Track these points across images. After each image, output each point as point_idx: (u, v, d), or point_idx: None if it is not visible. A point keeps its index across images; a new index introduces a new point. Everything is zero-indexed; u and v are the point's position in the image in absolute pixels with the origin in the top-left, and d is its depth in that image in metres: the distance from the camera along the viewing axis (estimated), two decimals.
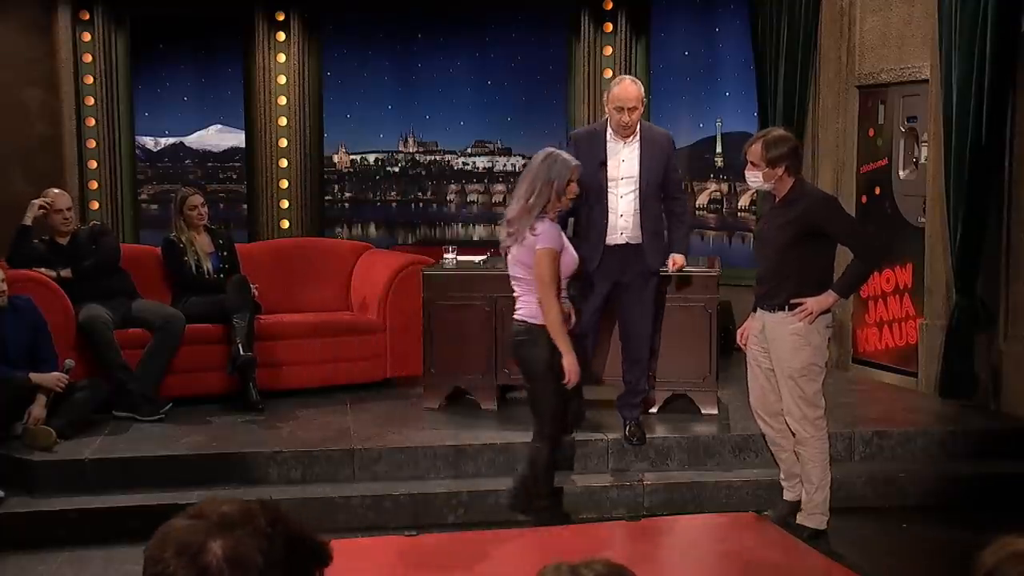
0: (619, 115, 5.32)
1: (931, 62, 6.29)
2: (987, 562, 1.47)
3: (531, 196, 4.59)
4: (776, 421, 4.95)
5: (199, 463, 5.36)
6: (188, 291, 6.46)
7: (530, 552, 4.15)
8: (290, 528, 1.40)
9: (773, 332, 4.81)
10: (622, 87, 5.39)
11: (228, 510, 1.38)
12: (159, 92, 8.62)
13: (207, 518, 1.36)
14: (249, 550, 1.33)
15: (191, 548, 1.33)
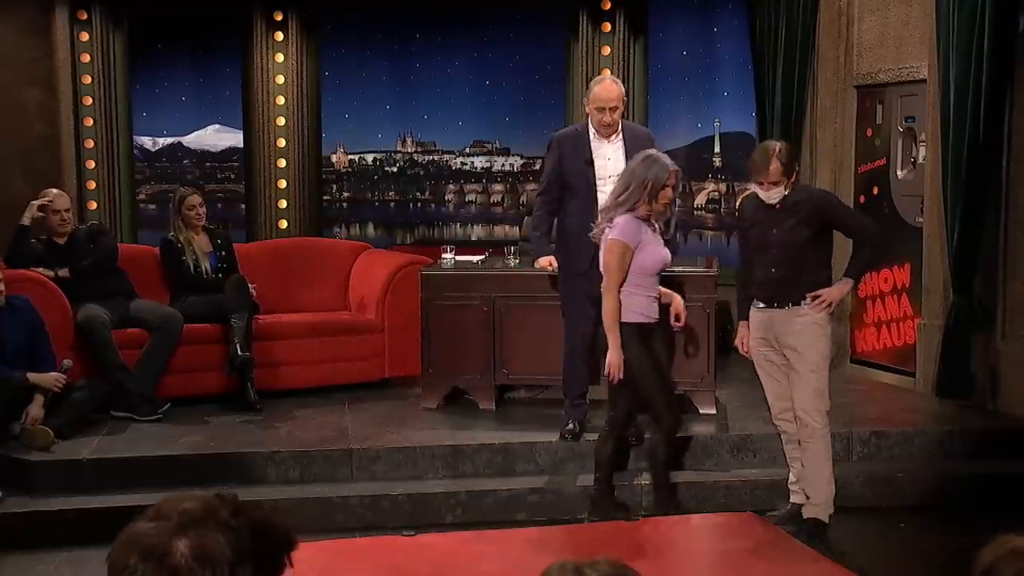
0: (600, 115, 5.34)
1: (929, 62, 6.29)
2: (985, 560, 1.48)
3: (622, 193, 4.71)
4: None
5: (197, 463, 5.36)
6: (186, 291, 6.46)
7: (529, 552, 4.14)
8: (253, 517, 1.39)
9: (790, 326, 4.85)
10: (603, 87, 5.41)
11: (189, 507, 1.36)
12: (157, 92, 8.62)
13: (168, 518, 1.35)
14: (216, 545, 1.32)
15: (156, 551, 1.31)
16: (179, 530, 1.33)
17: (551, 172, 5.53)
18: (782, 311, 4.86)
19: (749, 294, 5.00)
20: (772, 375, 4.99)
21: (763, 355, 4.98)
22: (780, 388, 4.99)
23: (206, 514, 1.35)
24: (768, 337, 4.93)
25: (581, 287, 5.46)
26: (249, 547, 1.34)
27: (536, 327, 5.96)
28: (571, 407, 5.64)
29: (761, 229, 4.91)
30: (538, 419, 5.93)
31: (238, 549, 1.33)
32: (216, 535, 1.33)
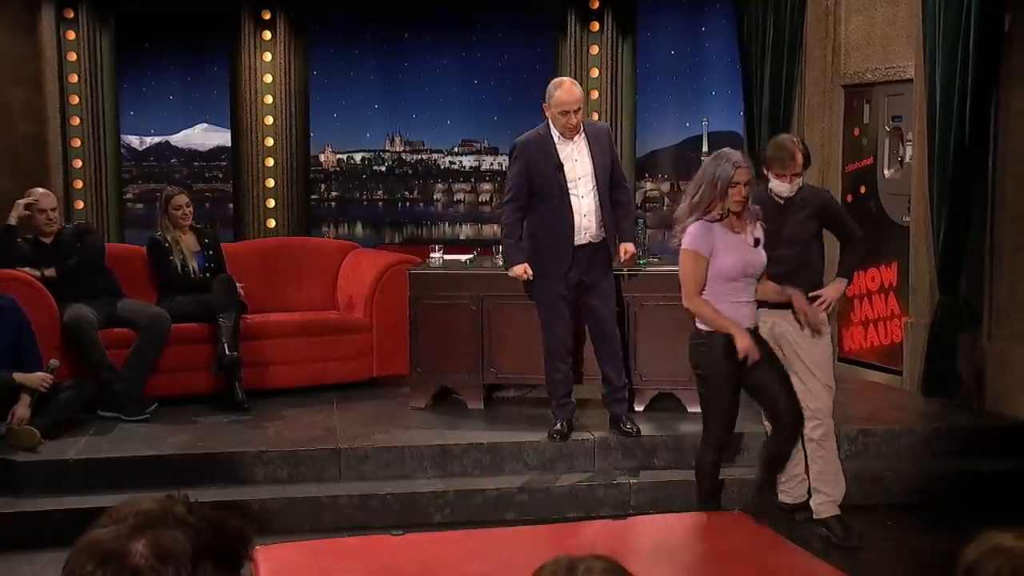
0: (565, 118, 5.34)
1: (915, 62, 6.32)
2: (968, 557, 1.49)
3: (694, 195, 4.59)
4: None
5: (185, 463, 5.35)
6: (174, 290, 6.45)
7: (517, 551, 4.14)
8: (210, 513, 1.39)
9: (794, 326, 4.86)
10: (565, 90, 5.40)
11: (145, 508, 1.35)
12: (144, 91, 8.59)
13: (124, 520, 1.34)
14: (175, 542, 1.31)
15: (115, 555, 1.30)
16: (136, 531, 1.32)
17: (518, 179, 5.47)
18: (784, 311, 4.87)
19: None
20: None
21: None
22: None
23: (163, 513, 1.34)
24: (767, 337, 4.93)
25: (556, 288, 5.46)
26: (210, 541, 1.34)
27: (524, 326, 5.95)
28: (558, 407, 5.65)
29: (768, 226, 4.91)
30: (526, 418, 5.94)
31: (198, 545, 1.32)
32: (174, 532, 1.32)
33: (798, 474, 5.10)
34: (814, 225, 4.87)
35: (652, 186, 8.57)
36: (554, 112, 5.37)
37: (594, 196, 5.44)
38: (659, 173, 8.62)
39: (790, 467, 5.09)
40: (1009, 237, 6.00)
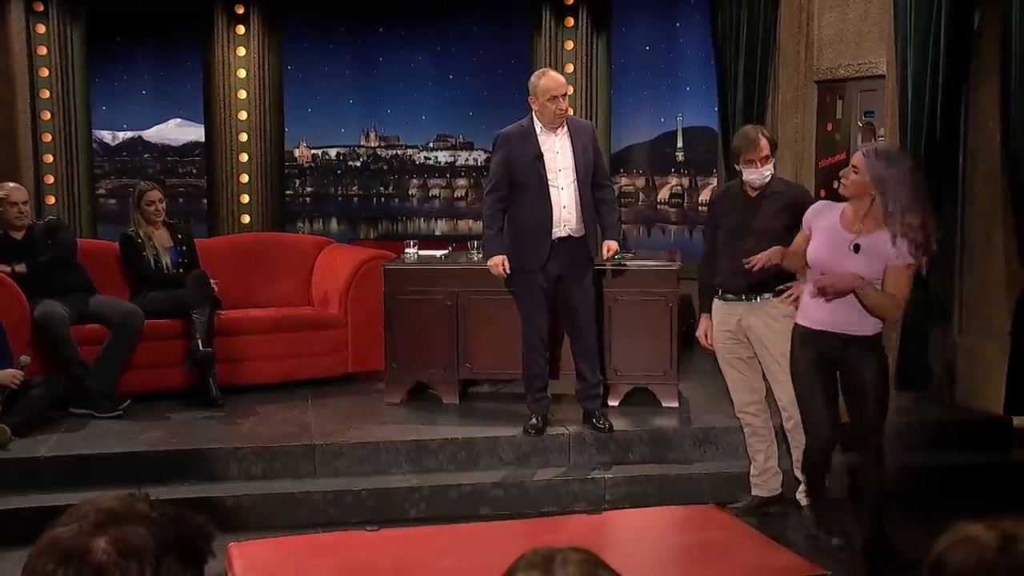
0: (554, 104, 5.36)
1: (887, 58, 6.36)
2: (939, 547, 1.50)
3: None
4: (761, 411, 5.03)
5: (158, 460, 5.32)
6: (147, 286, 6.40)
7: (491, 546, 4.15)
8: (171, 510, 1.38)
9: (761, 319, 4.89)
10: (551, 77, 5.45)
11: (106, 505, 1.35)
12: (117, 86, 8.52)
13: (85, 518, 1.33)
14: (138, 537, 1.31)
15: (76, 552, 1.29)
16: (97, 529, 1.31)
17: (499, 170, 5.49)
18: (751, 304, 4.90)
19: (714, 286, 5.03)
20: (737, 368, 5.03)
21: (728, 348, 5.02)
22: (745, 381, 5.03)
23: (125, 510, 1.34)
24: (735, 330, 4.96)
25: (536, 282, 5.48)
26: (173, 535, 1.33)
27: (500, 321, 5.96)
28: (534, 402, 5.66)
29: (737, 217, 4.93)
30: (501, 413, 5.94)
31: (161, 540, 1.32)
32: (137, 528, 1.32)
33: (771, 467, 5.14)
34: (786, 218, 4.86)
35: (627, 181, 8.59)
36: (542, 101, 5.38)
37: (574, 189, 5.45)
38: (634, 169, 8.64)
39: (764, 461, 5.13)
40: (979, 232, 6.05)
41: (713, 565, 4.28)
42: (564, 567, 1.31)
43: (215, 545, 1.41)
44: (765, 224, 4.86)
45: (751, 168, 4.87)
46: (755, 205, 4.91)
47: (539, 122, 5.45)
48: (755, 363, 5.02)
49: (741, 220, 4.93)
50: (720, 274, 4.99)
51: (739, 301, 4.93)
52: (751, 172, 4.88)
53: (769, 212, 4.88)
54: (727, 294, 4.97)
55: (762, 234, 4.85)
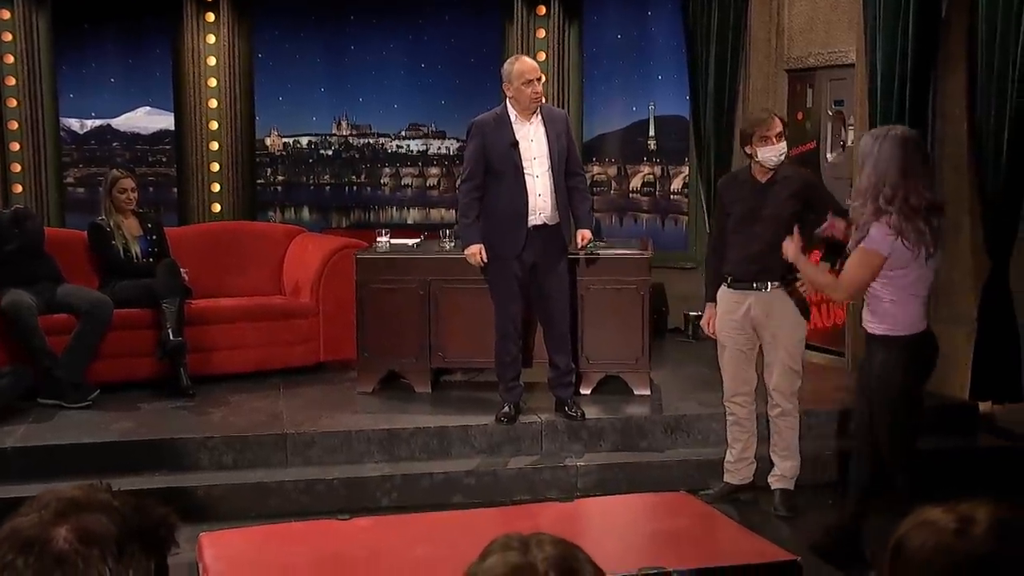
0: (529, 88, 5.36)
1: (857, 46, 6.40)
2: (900, 531, 1.51)
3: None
4: (749, 402, 5.06)
5: (128, 449, 5.30)
6: (116, 275, 6.36)
7: (463, 535, 4.15)
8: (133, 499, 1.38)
9: (772, 307, 4.91)
10: (524, 62, 5.49)
11: (68, 494, 1.35)
12: (84, 73, 8.42)
13: (47, 507, 1.32)
14: (100, 525, 1.30)
15: (36, 542, 1.29)
16: (58, 517, 1.31)
17: (474, 157, 5.49)
18: (761, 293, 4.91)
19: (722, 274, 5.03)
20: (735, 358, 5.04)
21: (730, 338, 5.02)
22: (740, 372, 5.05)
23: (86, 499, 1.33)
24: (741, 320, 4.96)
25: (510, 269, 5.48)
26: (136, 524, 1.33)
27: (472, 310, 5.96)
28: (506, 390, 5.67)
29: (746, 205, 4.93)
30: (474, 402, 5.95)
31: (123, 528, 1.31)
32: (98, 516, 1.31)
33: (748, 457, 5.18)
34: (795, 205, 4.87)
35: (599, 170, 8.59)
36: (517, 86, 5.38)
37: (549, 177, 5.45)
38: (606, 157, 8.65)
39: (741, 450, 5.16)
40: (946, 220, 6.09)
41: (684, 551, 4.30)
42: (540, 547, 1.32)
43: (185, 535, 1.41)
44: (775, 211, 4.86)
45: (767, 145, 4.83)
46: (764, 192, 4.90)
47: (513, 110, 5.45)
48: (753, 355, 5.04)
49: (751, 207, 4.92)
50: (729, 262, 4.99)
51: (749, 290, 4.94)
52: (767, 150, 4.84)
53: (779, 198, 4.87)
54: (737, 282, 4.98)
55: (772, 221, 4.85)
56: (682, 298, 7.69)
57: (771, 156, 4.85)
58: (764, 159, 4.87)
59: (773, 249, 4.85)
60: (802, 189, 4.92)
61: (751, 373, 5.07)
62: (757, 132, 4.84)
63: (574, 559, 1.31)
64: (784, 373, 4.97)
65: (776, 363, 4.96)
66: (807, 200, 4.94)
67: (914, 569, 1.45)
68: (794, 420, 5.06)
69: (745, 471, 5.19)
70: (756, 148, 4.86)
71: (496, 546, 1.34)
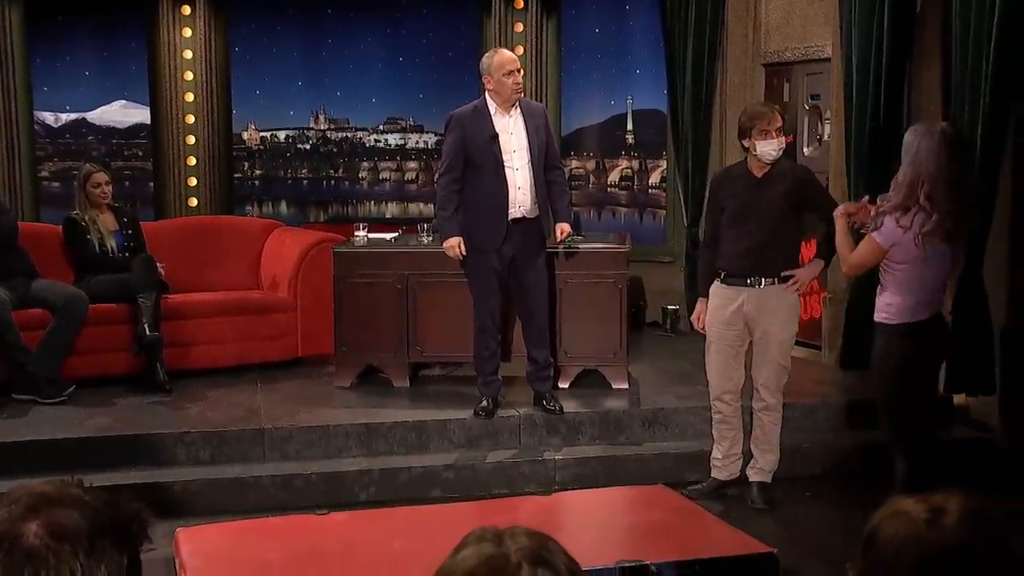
0: (510, 79, 5.37)
1: (833, 41, 6.43)
2: (873, 522, 1.53)
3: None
4: (735, 400, 5.07)
5: (104, 445, 5.26)
6: (91, 270, 6.32)
7: (441, 528, 4.16)
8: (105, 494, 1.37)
9: (765, 304, 4.91)
10: (502, 53, 5.50)
11: (38, 490, 1.34)
12: (59, 66, 8.35)
13: (17, 503, 1.32)
14: (71, 520, 1.30)
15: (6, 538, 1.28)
16: (29, 513, 1.30)
17: (453, 150, 5.47)
18: (756, 290, 4.91)
19: (715, 270, 5.02)
20: (724, 355, 5.03)
21: (720, 335, 5.01)
22: (728, 369, 5.05)
23: (57, 494, 1.33)
24: (733, 316, 4.95)
25: (489, 263, 5.48)
26: (108, 519, 1.32)
27: (450, 304, 5.96)
28: (484, 384, 5.67)
29: (741, 200, 4.91)
30: (452, 396, 5.95)
31: (95, 523, 1.31)
32: (69, 511, 1.31)
33: (735, 453, 5.19)
34: (791, 201, 4.88)
35: (577, 164, 8.60)
36: (498, 77, 5.37)
37: (529, 170, 5.45)
38: (584, 151, 8.65)
39: (729, 447, 5.17)
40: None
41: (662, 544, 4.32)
42: (514, 539, 1.33)
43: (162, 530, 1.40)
44: (771, 206, 4.86)
45: (767, 139, 4.81)
46: (760, 187, 4.89)
47: (493, 103, 5.45)
48: (742, 352, 5.05)
49: (747, 202, 4.90)
50: (723, 257, 4.97)
51: (743, 286, 4.94)
52: (767, 144, 4.82)
53: (775, 193, 4.87)
54: (730, 278, 4.97)
55: (768, 216, 4.85)
56: (660, 292, 7.72)
57: (770, 151, 4.84)
58: (763, 153, 4.85)
59: (768, 245, 4.86)
60: (798, 185, 4.92)
61: (739, 371, 5.07)
62: (757, 126, 4.82)
63: (546, 550, 1.31)
64: (774, 370, 4.98)
65: (766, 360, 4.97)
66: (803, 196, 4.94)
67: (886, 559, 1.46)
68: (778, 415, 5.07)
69: (732, 467, 5.20)
70: (755, 142, 4.83)
71: (471, 539, 1.35)
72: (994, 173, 5.50)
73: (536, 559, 1.29)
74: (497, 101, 5.43)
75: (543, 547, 1.31)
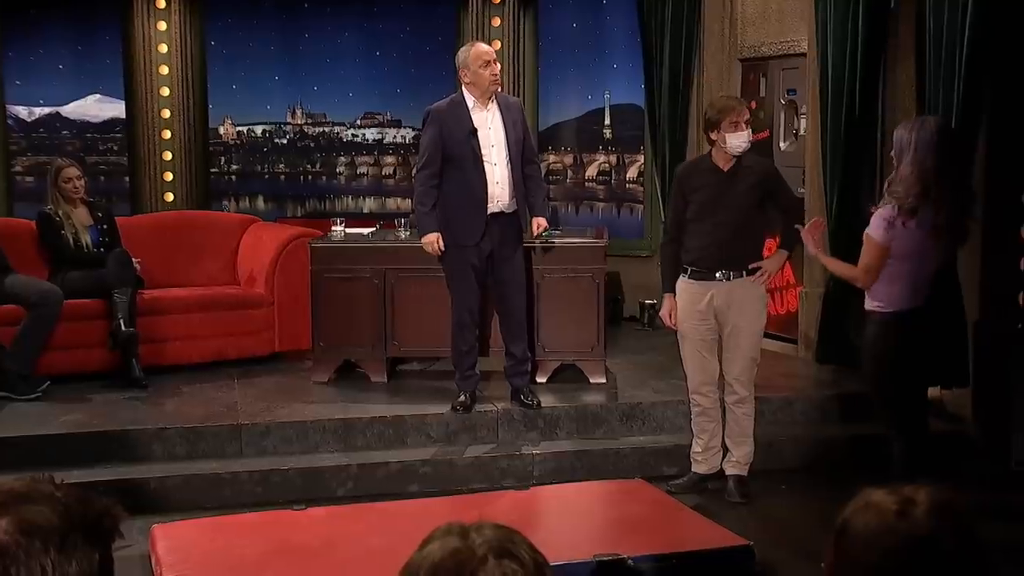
0: (487, 70, 5.36)
1: (809, 36, 6.45)
2: (845, 513, 1.54)
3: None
4: (714, 391, 5.09)
5: (79, 442, 5.23)
6: (66, 266, 6.28)
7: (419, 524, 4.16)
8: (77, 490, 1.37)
9: (735, 297, 4.93)
10: (479, 45, 5.51)
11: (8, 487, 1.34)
12: (32, 59, 8.27)
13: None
14: (41, 516, 1.30)
15: None
16: None
17: (431, 145, 5.46)
18: (725, 284, 4.92)
19: (681, 264, 5.03)
20: (699, 350, 5.04)
21: (694, 329, 5.02)
22: (704, 363, 5.06)
23: (28, 489, 1.33)
24: (704, 310, 4.97)
25: (468, 258, 5.48)
26: (80, 514, 1.32)
27: (427, 299, 5.95)
28: (462, 379, 5.67)
29: (708, 193, 4.91)
30: (430, 391, 5.95)
31: (66, 519, 1.30)
32: (40, 508, 1.31)
33: (715, 446, 5.21)
34: (758, 193, 4.91)
35: (555, 159, 8.60)
36: (475, 69, 5.36)
37: (507, 165, 5.45)
38: (562, 146, 8.66)
39: (709, 440, 5.19)
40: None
41: (639, 537, 4.34)
42: (480, 532, 1.34)
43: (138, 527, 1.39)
44: (737, 199, 4.88)
45: (737, 132, 4.82)
46: (727, 180, 4.90)
47: (471, 97, 5.44)
48: (715, 345, 5.06)
49: (714, 195, 4.90)
50: (690, 252, 4.97)
51: (712, 280, 4.95)
52: (737, 136, 4.83)
53: (742, 187, 4.88)
54: (698, 272, 4.98)
55: (735, 209, 4.87)
56: (638, 286, 7.74)
57: (740, 143, 4.86)
58: (732, 146, 4.86)
59: (736, 238, 4.88)
60: (764, 178, 4.95)
61: (714, 364, 5.08)
62: (727, 118, 4.82)
63: (511, 542, 1.33)
64: (745, 363, 5.00)
65: (737, 353, 4.99)
66: (767, 189, 4.98)
67: (858, 549, 1.47)
68: (751, 408, 5.11)
69: (713, 460, 5.22)
70: (725, 135, 4.84)
71: (437, 534, 1.36)
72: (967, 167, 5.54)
73: (501, 551, 1.31)
74: (475, 94, 5.43)
75: (508, 539, 1.33)
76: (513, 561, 1.30)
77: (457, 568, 1.29)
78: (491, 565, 1.29)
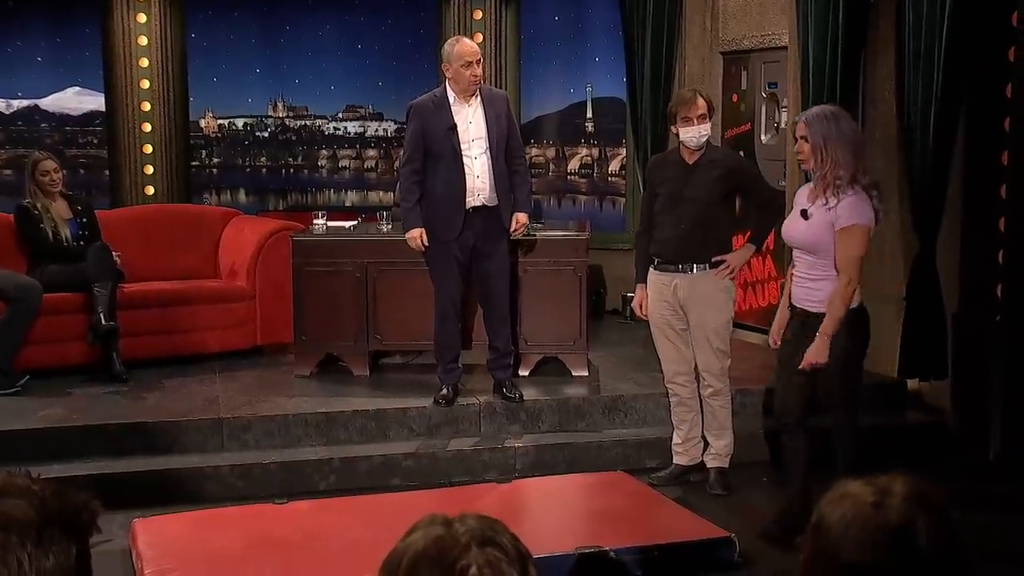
0: (468, 71, 5.35)
1: (790, 29, 6.47)
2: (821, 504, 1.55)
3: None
4: (690, 381, 5.10)
5: (59, 436, 5.20)
6: (46, 259, 6.24)
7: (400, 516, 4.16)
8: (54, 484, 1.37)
9: (697, 289, 4.95)
10: (464, 43, 5.46)
11: None
12: (10, 52, 8.21)
13: None
14: (18, 509, 1.30)
15: None
16: None
17: (413, 141, 5.46)
18: (687, 275, 4.94)
19: (650, 255, 5.05)
20: (670, 339, 5.08)
21: (663, 318, 5.06)
22: (677, 352, 5.09)
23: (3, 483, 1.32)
24: (671, 301, 5.00)
25: (450, 252, 5.48)
26: (57, 508, 1.31)
27: (409, 293, 5.95)
28: (445, 372, 5.67)
29: (673, 186, 4.95)
30: (412, 384, 5.94)
31: (42, 512, 1.30)
32: (16, 501, 1.30)
33: (695, 437, 5.23)
34: (720, 188, 4.92)
35: (537, 152, 8.60)
36: (456, 67, 5.35)
37: (487, 159, 5.45)
38: (544, 139, 8.66)
39: (688, 430, 5.21)
40: None
41: (621, 529, 4.36)
42: (463, 522, 1.35)
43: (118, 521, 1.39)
44: (700, 192, 4.90)
45: (688, 126, 4.86)
46: (692, 173, 4.93)
47: (452, 91, 5.43)
48: (687, 334, 5.08)
49: (678, 188, 4.94)
50: (656, 243, 5.01)
51: (676, 272, 4.97)
52: (688, 131, 4.87)
53: (707, 180, 4.91)
54: (663, 264, 5.01)
55: (698, 202, 4.89)
56: (620, 279, 7.74)
57: (692, 137, 4.90)
58: (685, 140, 4.93)
59: (698, 230, 4.91)
60: (729, 173, 4.96)
61: (688, 352, 5.12)
62: (680, 113, 4.89)
63: (493, 531, 1.35)
64: (711, 354, 5.03)
65: (703, 345, 5.02)
66: (735, 182, 5.00)
67: (834, 539, 1.48)
68: (726, 399, 5.13)
69: (694, 451, 5.24)
70: (679, 128, 4.91)
71: (420, 524, 1.37)
72: (946, 159, 5.58)
73: (484, 540, 1.32)
74: (455, 90, 5.42)
75: (491, 528, 1.34)
76: (496, 549, 1.32)
77: (440, 556, 1.31)
78: (474, 553, 1.30)
